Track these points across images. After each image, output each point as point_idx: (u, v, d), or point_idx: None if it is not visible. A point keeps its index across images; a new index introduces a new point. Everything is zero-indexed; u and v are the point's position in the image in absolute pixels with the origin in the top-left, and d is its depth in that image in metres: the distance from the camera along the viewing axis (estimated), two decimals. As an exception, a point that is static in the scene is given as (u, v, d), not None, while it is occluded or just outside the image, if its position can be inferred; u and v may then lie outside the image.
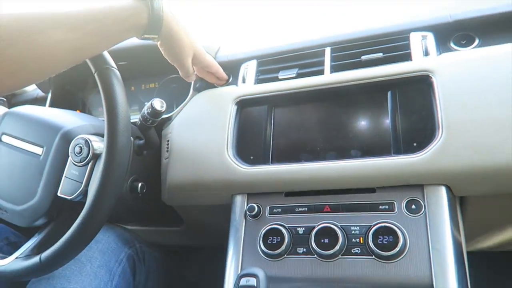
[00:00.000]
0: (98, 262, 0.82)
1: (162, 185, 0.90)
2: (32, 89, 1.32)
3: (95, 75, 0.71)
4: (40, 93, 1.26)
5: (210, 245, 1.14)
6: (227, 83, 0.94)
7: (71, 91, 1.23)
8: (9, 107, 1.05)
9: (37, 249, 0.77)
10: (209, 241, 1.14)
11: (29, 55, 0.54)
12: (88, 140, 0.75)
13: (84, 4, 0.61)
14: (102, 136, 0.70)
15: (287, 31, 1.02)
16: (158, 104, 0.80)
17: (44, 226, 0.82)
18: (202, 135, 0.86)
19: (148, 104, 0.81)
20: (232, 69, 0.95)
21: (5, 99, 1.04)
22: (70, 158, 0.77)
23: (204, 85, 0.96)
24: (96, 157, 0.75)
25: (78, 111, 1.19)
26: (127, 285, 0.86)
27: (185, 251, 1.32)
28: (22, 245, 0.79)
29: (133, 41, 0.72)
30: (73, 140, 0.77)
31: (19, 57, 0.53)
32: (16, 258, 0.76)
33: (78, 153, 0.75)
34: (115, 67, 0.72)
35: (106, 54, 0.72)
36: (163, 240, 1.17)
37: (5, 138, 0.86)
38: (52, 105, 1.20)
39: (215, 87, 0.94)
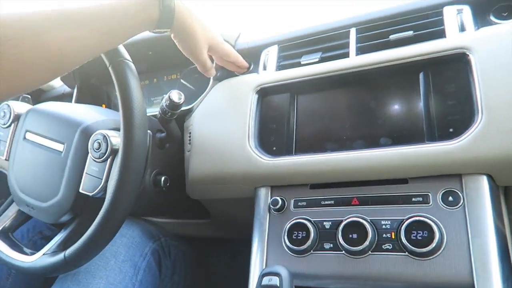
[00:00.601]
0: (122, 257, 0.81)
1: (186, 178, 0.87)
2: (60, 85, 1.31)
3: (109, 68, 0.68)
4: (67, 88, 1.26)
5: (238, 237, 1.10)
6: (248, 71, 0.89)
7: (96, 85, 1.22)
8: (36, 104, 1.04)
9: (63, 246, 0.76)
10: (236, 233, 1.10)
11: (37, 54, 0.52)
12: (106, 136, 0.72)
13: (93, 1, 0.58)
14: None
15: (308, 14, 0.95)
16: (176, 96, 0.76)
17: (69, 222, 0.81)
18: (223, 127, 0.82)
19: (166, 97, 0.77)
20: (252, 56, 0.90)
21: (29, 96, 1.04)
22: (90, 154, 0.74)
23: (225, 73, 0.91)
24: (115, 152, 0.72)
25: (103, 106, 1.18)
26: (153, 280, 0.84)
27: (213, 243, 1.29)
28: None
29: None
30: (92, 136, 0.74)
31: (26, 57, 0.51)
32: (44, 254, 0.75)
33: (97, 149, 0.73)
34: (130, 59, 0.69)
35: (120, 47, 0.69)
36: (192, 232, 1.15)
37: (28, 136, 0.85)
38: (78, 100, 1.19)
39: (236, 75, 0.89)
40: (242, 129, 0.79)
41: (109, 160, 0.73)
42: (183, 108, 0.87)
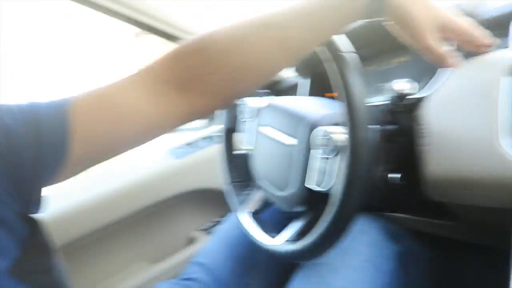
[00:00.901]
0: (363, 256, 0.74)
1: (423, 177, 0.71)
2: (292, 76, 1.33)
3: (328, 63, 0.63)
4: (298, 79, 1.26)
5: (494, 244, 0.84)
6: (495, 47, 0.65)
7: (325, 74, 1.18)
8: (275, 95, 1.08)
9: (300, 235, 0.76)
10: (492, 241, 0.84)
11: (247, 60, 0.53)
12: (331, 132, 0.67)
13: (294, 1, 0.55)
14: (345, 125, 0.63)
15: None
16: (403, 85, 0.66)
17: (303, 213, 0.81)
18: (464, 119, 0.64)
19: (391, 86, 0.66)
20: (499, 27, 0.67)
21: (269, 90, 1.08)
22: (316, 150, 0.71)
23: (468, 54, 0.70)
24: (340, 149, 0.66)
25: (332, 95, 1.13)
26: (396, 286, 0.72)
27: (464, 248, 1.01)
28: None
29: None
30: (317, 132, 0.70)
31: (238, 64, 0.53)
32: (286, 241, 0.78)
33: (323, 145, 0.69)
34: (350, 50, 0.62)
35: (338, 38, 0.62)
36: (435, 232, 0.93)
37: (267, 129, 0.89)
38: (311, 90, 1.18)
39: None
40: (491, 123, 0.59)
41: (334, 157, 0.67)
42: (414, 96, 0.73)
